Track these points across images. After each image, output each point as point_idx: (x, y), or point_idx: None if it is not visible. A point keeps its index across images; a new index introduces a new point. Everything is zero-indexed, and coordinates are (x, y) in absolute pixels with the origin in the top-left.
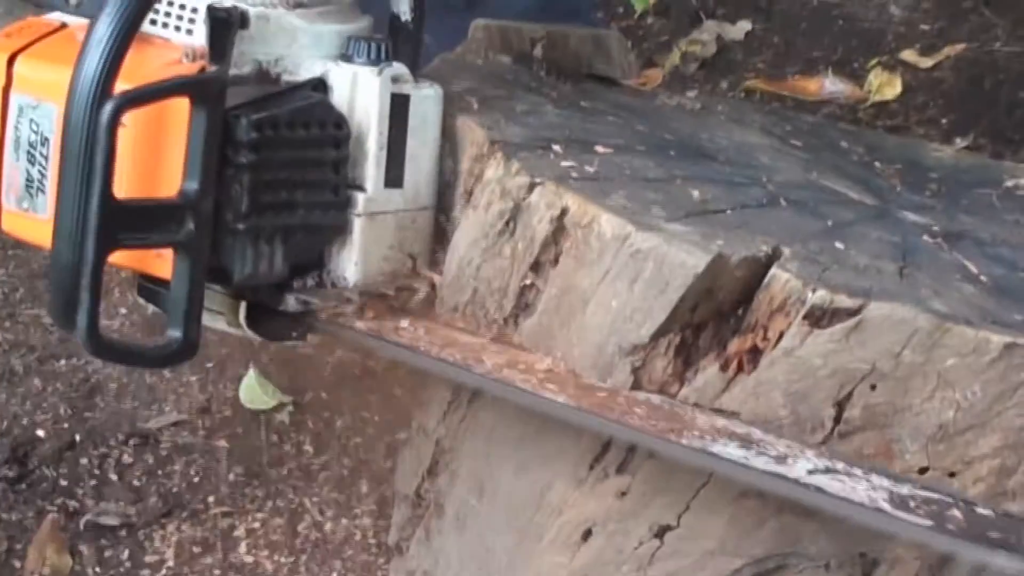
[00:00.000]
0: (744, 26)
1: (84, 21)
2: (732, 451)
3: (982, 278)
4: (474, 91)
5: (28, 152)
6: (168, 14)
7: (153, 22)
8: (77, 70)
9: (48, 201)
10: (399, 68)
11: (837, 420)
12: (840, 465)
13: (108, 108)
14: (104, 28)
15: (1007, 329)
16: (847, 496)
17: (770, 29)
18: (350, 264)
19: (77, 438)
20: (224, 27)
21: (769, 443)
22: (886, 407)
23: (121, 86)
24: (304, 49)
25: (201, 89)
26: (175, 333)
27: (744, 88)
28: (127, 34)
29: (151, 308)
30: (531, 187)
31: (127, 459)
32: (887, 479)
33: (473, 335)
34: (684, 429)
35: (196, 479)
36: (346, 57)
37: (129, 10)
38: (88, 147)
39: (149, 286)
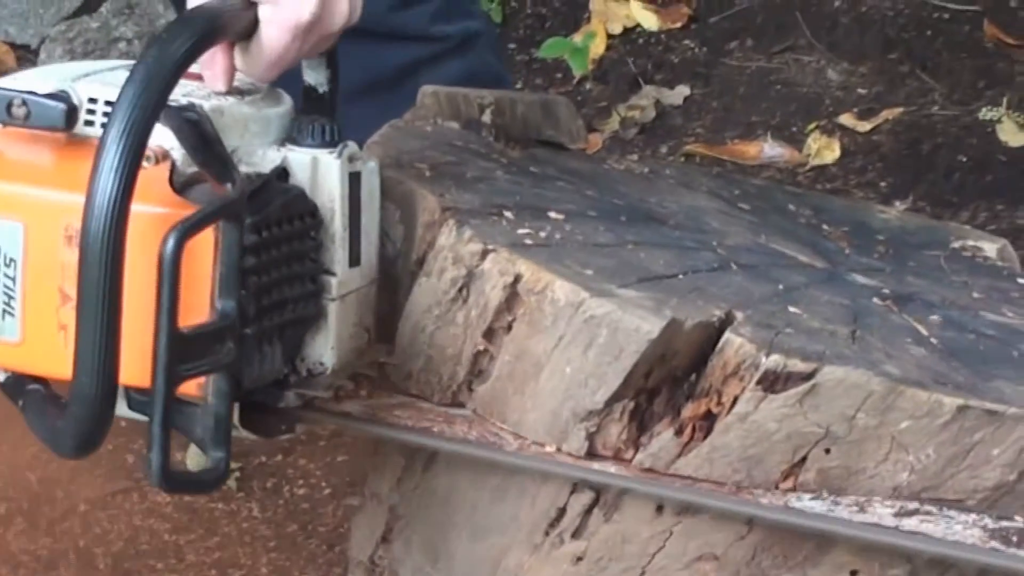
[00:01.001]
0: (682, 91)
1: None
2: (813, 504)
3: (932, 340)
4: (424, 158)
5: None
6: (93, 112)
7: (88, 123)
8: (92, 194)
9: (18, 324)
10: (353, 147)
11: (792, 484)
12: (913, 505)
13: (172, 239)
14: (117, 147)
15: (959, 391)
16: (953, 537)
17: (709, 94)
18: (327, 349)
19: (24, 505)
20: (193, 127)
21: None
22: (840, 470)
23: (80, 197)
24: (255, 137)
25: (236, 207)
26: (218, 453)
27: (684, 153)
28: (139, 153)
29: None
30: (484, 254)
31: (76, 527)
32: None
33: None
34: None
35: (144, 546)
36: (294, 140)
37: (140, 126)
38: (114, 277)
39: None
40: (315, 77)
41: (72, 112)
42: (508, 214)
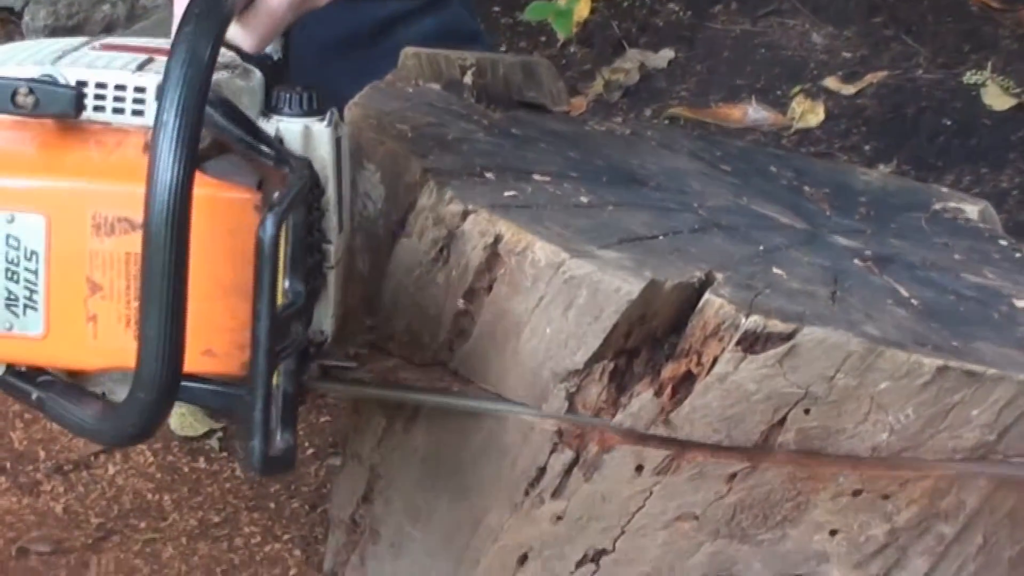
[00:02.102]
0: (667, 54)
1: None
2: None
3: (913, 301)
4: (405, 119)
5: (7, 270)
6: (103, 96)
7: (98, 108)
8: (153, 183)
9: (41, 318)
10: (335, 113)
11: (771, 444)
12: None
13: (270, 223)
14: (172, 133)
15: (939, 352)
16: None
17: (693, 57)
18: (327, 318)
19: (7, 465)
20: (236, 110)
21: None
22: (820, 431)
23: (108, 185)
24: (247, 110)
25: (306, 187)
26: (288, 434)
27: (668, 116)
28: (197, 136)
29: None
30: (464, 215)
31: (59, 487)
32: None
33: None
34: None
35: (127, 506)
36: (276, 110)
37: (195, 108)
38: (180, 265)
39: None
40: (272, 46)
41: (80, 98)
42: (489, 175)
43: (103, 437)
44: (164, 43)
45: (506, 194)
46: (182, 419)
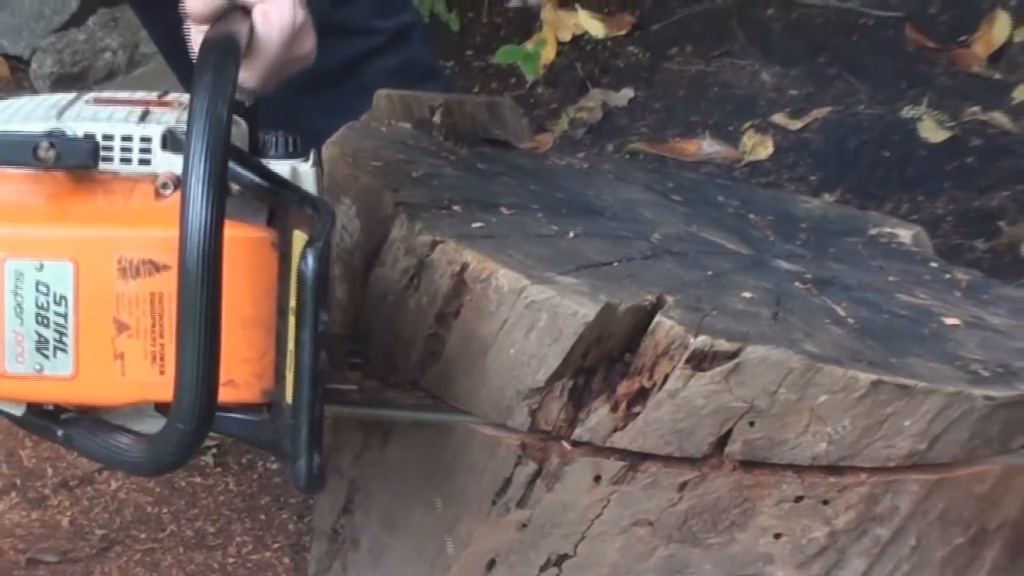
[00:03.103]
0: (627, 93)
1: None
2: None
3: (849, 320)
4: (379, 156)
5: (37, 315)
6: (111, 148)
7: (105, 159)
8: (187, 225)
9: (71, 359)
10: (317, 154)
11: (719, 454)
12: None
13: (311, 257)
14: (202, 179)
15: (873, 367)
16: None
17: (651, 96)
18: None
19: (17, 481)
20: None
21: None
22: (764, 441)
23: (132, 231)
24: None
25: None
26: (318, 458)
27: (628, 151)
28: (225, 178)
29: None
30: (433, 245)
31: (65, 501)
32: None
33: None
34: None
35: (128, 518)
36: (263, 153)
37: (218, 154)
38: (214, 304)
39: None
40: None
41: (97, 149)
42: (456, 208)
43: (143, 467)
44: (151, 95)
45: (472, 225)
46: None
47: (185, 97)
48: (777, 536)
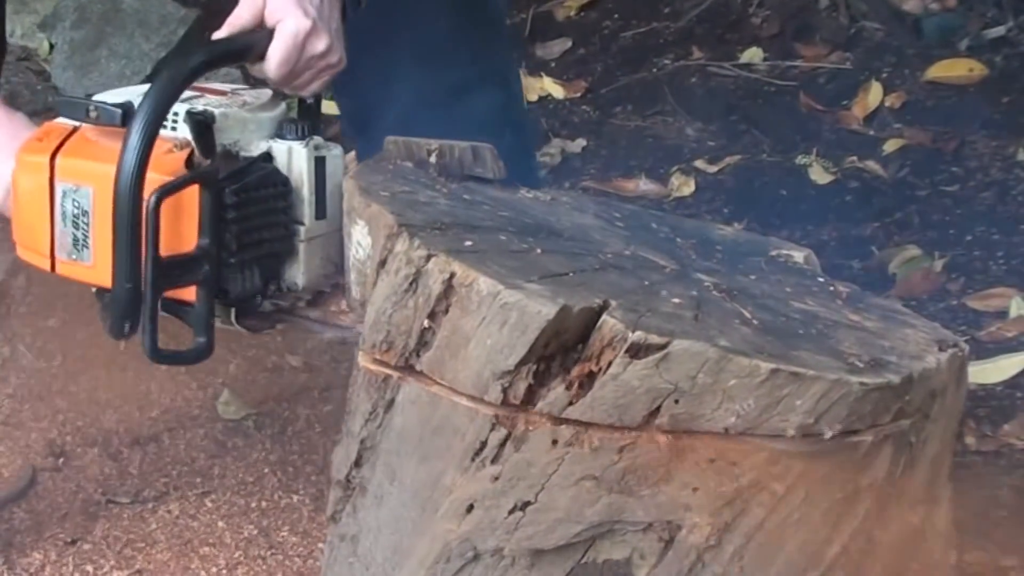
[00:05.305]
0: (581, 142)
1: (91, 125)
2: None
3: (754, 322)
4: (387, 187)
5: (73, 221)
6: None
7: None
8: (120, 167)
9: (91, 253)
10: (318, 139)
11: (650, 425)
12: None
13: (153, 198)
14: (135, 137)
15: (772, 358)
16: None
17: (600, 145)
18: (298, 275)
19: (99, 439)
20: (204, 125)
21: None
22: (686, 415)
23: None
24: (252, 133)
25: (209, 177)
26: (201, 339)
27: (581, 187)
28: (151, 140)
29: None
30: (428, 257)
31: (135, 456)
32: None
33: None
34: None
35: (185, 468)
36: (280, 135)
37: (151, 123)
38: (132, 221)
39: (174, 305)
40: (308, 90)
41: (127, 114)
42: (447, 229)
43: (108, 328)
44: (224, 86)
45: (459, 243)
46: (226, 406)
47: (243, 90)
48: (695, 489)
